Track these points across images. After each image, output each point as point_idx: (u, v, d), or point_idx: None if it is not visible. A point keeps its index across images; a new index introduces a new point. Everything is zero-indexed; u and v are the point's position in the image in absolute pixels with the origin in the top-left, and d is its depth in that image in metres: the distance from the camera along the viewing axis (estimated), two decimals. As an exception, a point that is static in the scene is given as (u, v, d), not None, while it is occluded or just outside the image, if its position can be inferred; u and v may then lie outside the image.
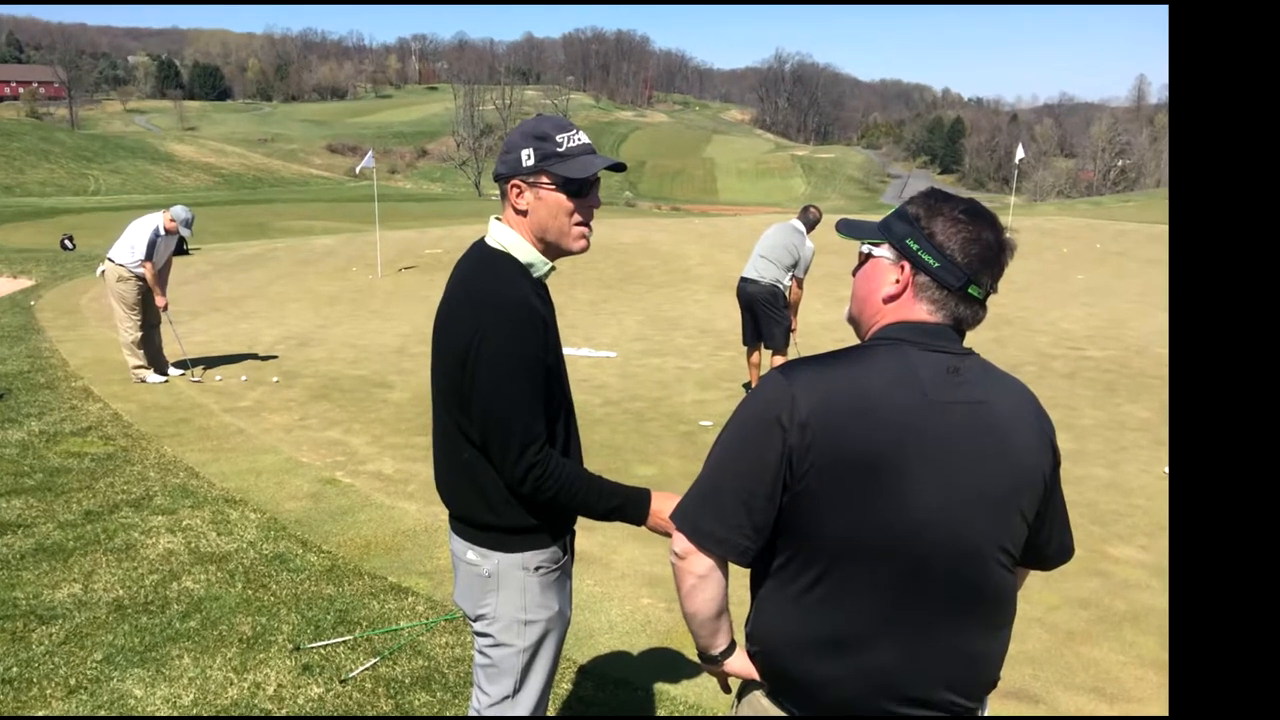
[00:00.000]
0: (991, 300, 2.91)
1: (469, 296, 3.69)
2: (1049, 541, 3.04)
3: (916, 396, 2.72)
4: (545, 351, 3.67)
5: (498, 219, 3.85)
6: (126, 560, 8.01)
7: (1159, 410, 13.50)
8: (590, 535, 8.38)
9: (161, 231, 14.12)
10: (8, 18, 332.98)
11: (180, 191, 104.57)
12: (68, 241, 37.32)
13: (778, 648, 2.88)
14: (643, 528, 3.89)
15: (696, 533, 2.84)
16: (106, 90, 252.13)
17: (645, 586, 7.71)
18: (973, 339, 2.87)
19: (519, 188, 3.72)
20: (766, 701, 2.98)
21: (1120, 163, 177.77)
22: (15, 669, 6.25)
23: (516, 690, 3.92)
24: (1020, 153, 45.34)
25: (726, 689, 3.28)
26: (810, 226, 13.59)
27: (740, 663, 3.07)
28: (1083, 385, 15.11)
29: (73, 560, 7.96)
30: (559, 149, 3.68)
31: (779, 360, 13.06)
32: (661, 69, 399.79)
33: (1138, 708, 6.19)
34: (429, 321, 4.04)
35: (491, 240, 3.81)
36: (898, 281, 2.88)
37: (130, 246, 14.13)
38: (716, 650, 3.08)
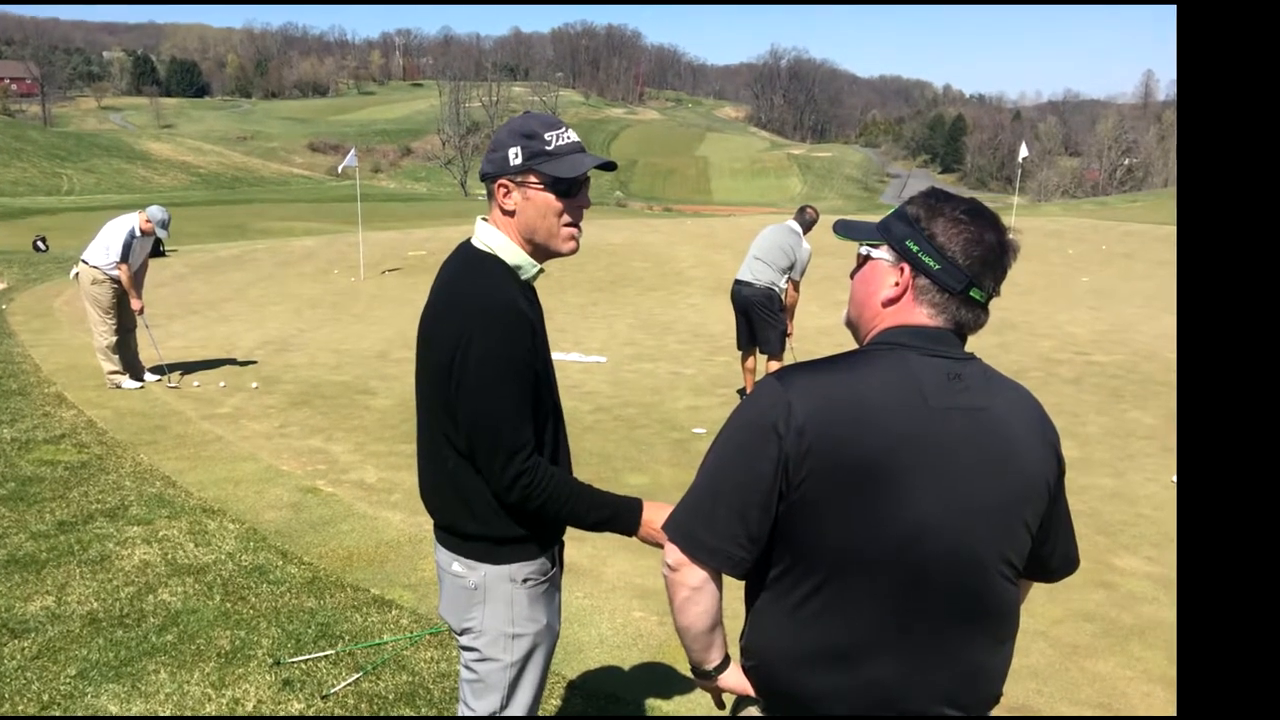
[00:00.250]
0: (994, 303, 2.91)
1: (455, 299, 3.68)
2: (1053, 552, 3.04)
3: (916, 403, 2.72)
4: (533, 356, 3.66)
5: (484, 219, 3.84)
6: (101, 572, 7.98)
7: (1166, 417, 13.49)
8: (580, 546, 8.36)
9: (137, 233, 14.10)
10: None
11: (156, 191, 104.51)
12: (40, 243, 37.28)
13: (773, 662, 2.88)
14: (634, 538, 3.87)
15: (690, 543, 2.83)
16: (80, 87, 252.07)
17: (637, 599, 7.69)
18: (975, 343, 2.87)
19: (506, 187, 3.71)
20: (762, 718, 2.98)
21: (1127, 161, 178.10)
22: (-15, 685, 6.24)
23: (503, 706, 3.91)
24: (1024, 151, 45.34)
25: (720, 705, 3.28)
26: (807, 227, 13.59)
27: (735, 678, 3.06)
28: (1088, 391, 15.12)
29: (45, 572, 7.93)
30: (547, 147, 3.67)
31: (775, 365, 13.06)
32: (653, 64, 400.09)
33: (1145, 724, 6.20)
34: (413, 325, 4.03)
35: (478, 241, 3.80)
36: (897, 284, 2.87)
37: (105, 248, 14.10)
38: (710, 665, 3.07)
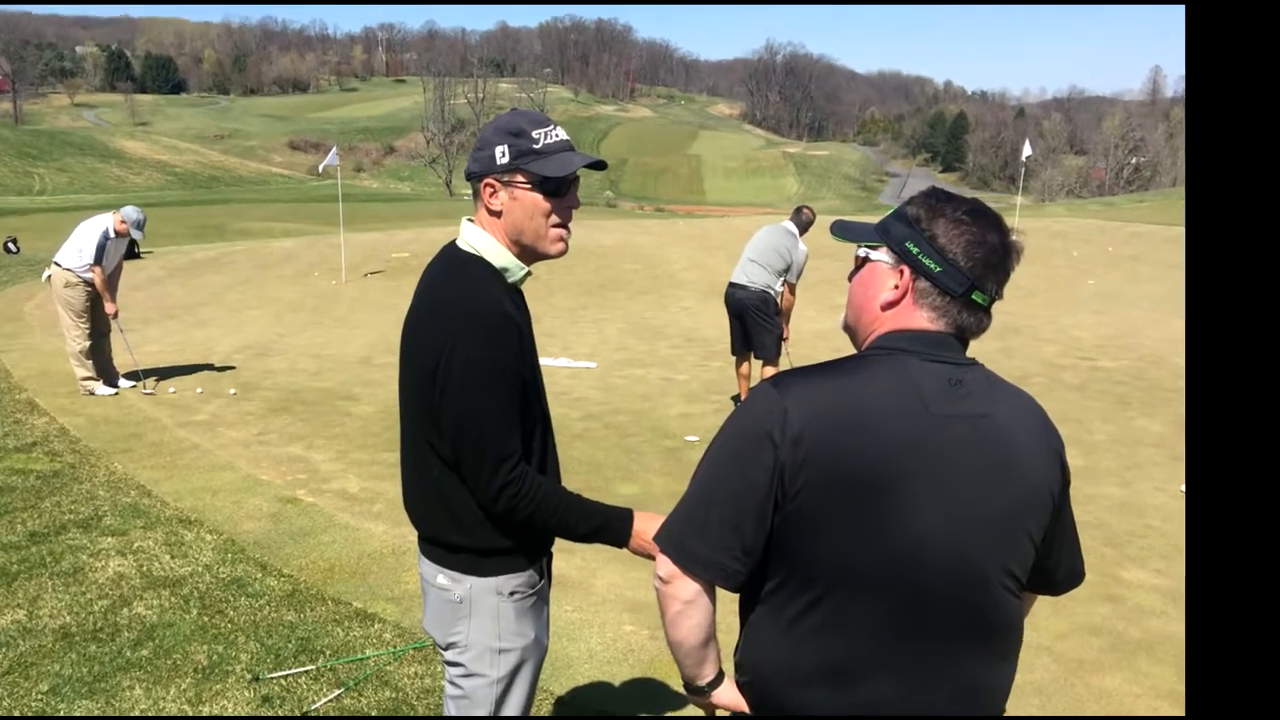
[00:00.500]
0: (997, 307, 2.91)
1: (439, 303, 3.68)
2: (1058, 565, 3.04)
3: (917, 410, 2.71)
4: (520, 362, 3.66)
5: (470, 220, 3.84)
6: (74, 585, 7.97)
7: (1175, 424, 13.49)
8: (569, 558, 8.35)
9: (111, 234, 14.09)
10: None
11: (131, 191, 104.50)
12: (11, 244, 37.25)
13: (769, 678, 2.88)
14: (625, 550, 3.87)
15: (682, 555, 2.83)
16: (53, 83, 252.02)
17: (627, 613, 7.68)
18: (977, 348, 2.87)
19: (493, 187, 3.71)
20: (757, 735, 2.98)
21: (1134, 160, 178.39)
22: (-47, 702, 6.23)
23: (490, 724, 3.90)
24: (1027, 150, 45.49)
25: (714, 722, 3.27)
26: (803, 228, 13.59)
27: (729, 694, 3.06)
28: (1094, 398, 15.12)
29: (16, 585, 7.92)
30: (535, 146, 3.66)
31: (770, 371, 13.05)
32: (645, 60, 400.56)
33: (1152, 741, 6.20)
34: (396, 330, 4.03)
35: (463, 243, 3.80)
36: (897, 287, 2.87)
37: (78, 250, 14.09)
38: (703, 681, 3.06)
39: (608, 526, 3.81)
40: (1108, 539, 9.35)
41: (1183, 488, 10.67)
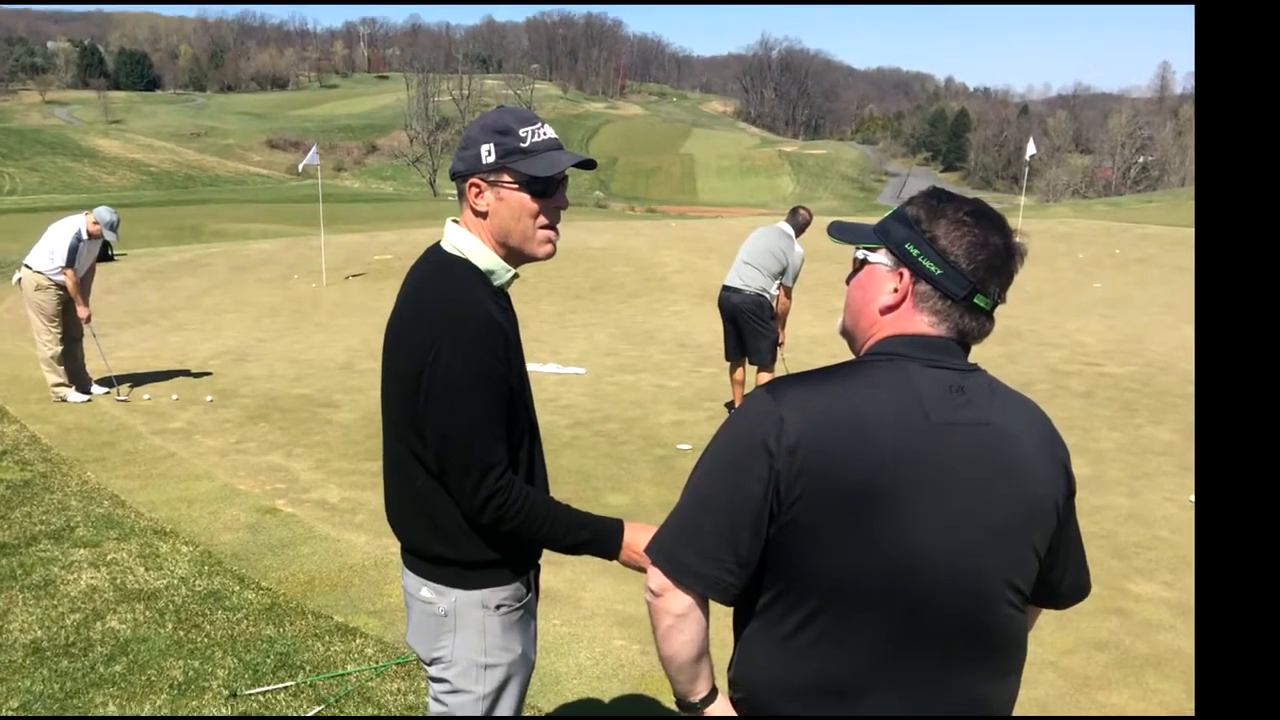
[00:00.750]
0: (1000, 311, 2.91)
1: (423, 307, 3.68)
2: (1063, 578, 3.03)
3: (917, 418, 2.71)
4: (507, 368, 3.66)
5: (455, 221, 3.84)
6: (45, 598, 7.96)
7: (1184, 433, 13.49)
8: (557, 570, 8.35)
9: (84, 235, 14.08)
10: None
11: (104, 191, 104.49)
12: (-21, 246, 37.20)
13: (764, 695, 2.87)
14: (615, 562, 3.87)
15: (674, 567, 2.82)
16: (23, 79, 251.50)
17: (618, 627, 7.68)
18: (979, 354, 2.86)
19: (478, 187, 3.70)
20: (751, 754, 2.97)
21: (1142, 159, 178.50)
22: (-82, 720, 6.22)
23: (475, 742, 3.90)
24: (1031, 148, 45.43)
25: (707, 740, 3.27)
26: (800, 230, 13.59)
27: (722, 710, 3.05)
28: (1100, 405, 15.13)
29: (-17, 599, 7.92)
30: (522, 144, 3.66)
31: (765, 377, 13.05)
32: (635, 56, 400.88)
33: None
34: (378, 335, 4.03)
35: (448, 245, 3.80)
36: (896, 290, 2.86)
37: (49, 252, 14.07)
38: (696, 697, 3.05)
39: (597, 538, 3.81)
40: (1115, 551, 9.36)
41: (1192, 498, 10.66)
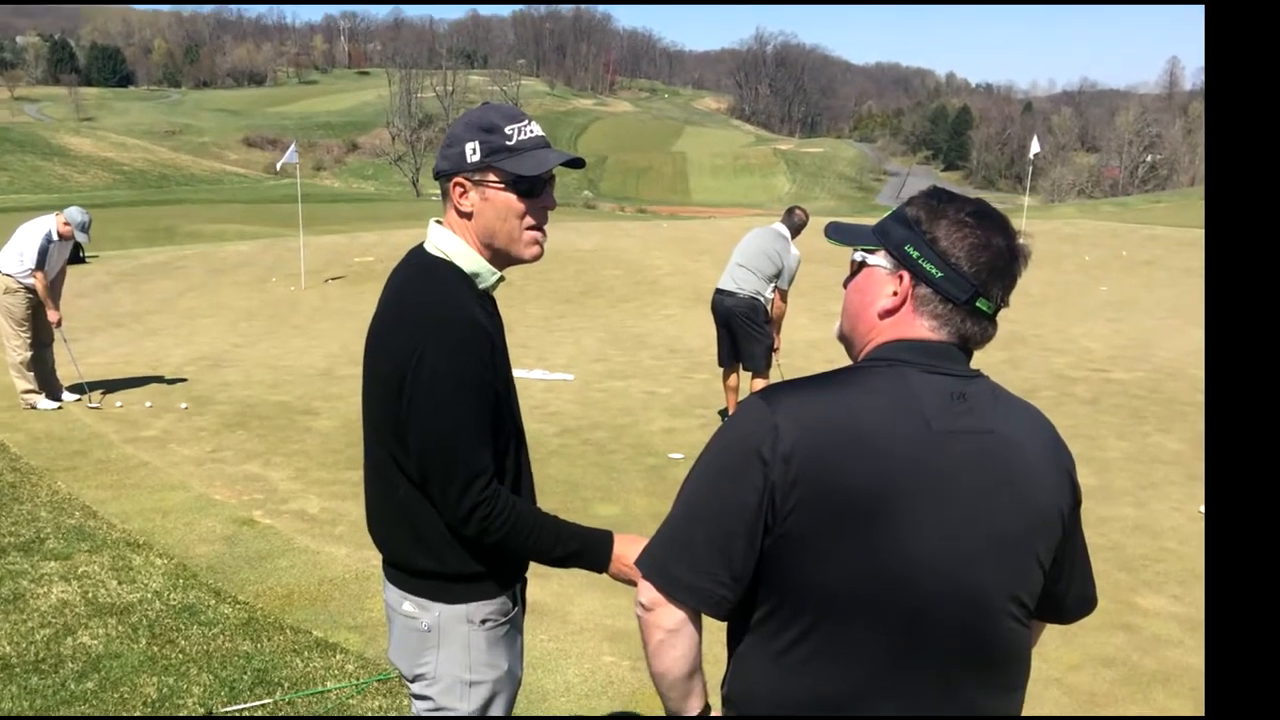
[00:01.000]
0: (1003, 315, 2.90)
1: (405, 311, 3.67)
2: (1068, 591, 3.03)
3: (917, 426, 2.70)
4: (492, 373, 3.65)
5: (438, 222, 3.83)
6: (14, 613, 7.94)
7: (1194, 441, 13.51)
8: (544, 584, 8.34)
9: (54, 237, 14.06)
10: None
11: (76, 191, 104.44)
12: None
13: (759, 712, 2.85)
14: (604, 575, 3.86)
15: (666, 581, 2.81)
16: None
17: (607, 642, 7.68)
18: (982, 359, 2.86)
19: (463, 186, 3.69)
20: (745, 774, 2.97)
21: (1149, 158, 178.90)
22: (-118, 740, 6.21)
23: (460, 762, 3.89)
24: (1035, 146, 45.44)
25: (700, 759, 3.26)
26: (796, 231, 13.59)
27: (716, 729, 3.04)
28: (1107, 412, 15.16)
29: (-51, 614, 7.90)
30: (508, 142, 3.65)
31: (760, 384, 13.05)
32: (625, 51, 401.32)
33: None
34: (359, 339, 4.02)
35: (431, 246, 3.79)
36: (895, 294, 2.85)
37: (18, 254, 14.05)
38: (688, 715, 3.04)
39: (586, 550, 3.80)
40: (1122, 563, 9.36)
41: (1202, 508, 10.69)
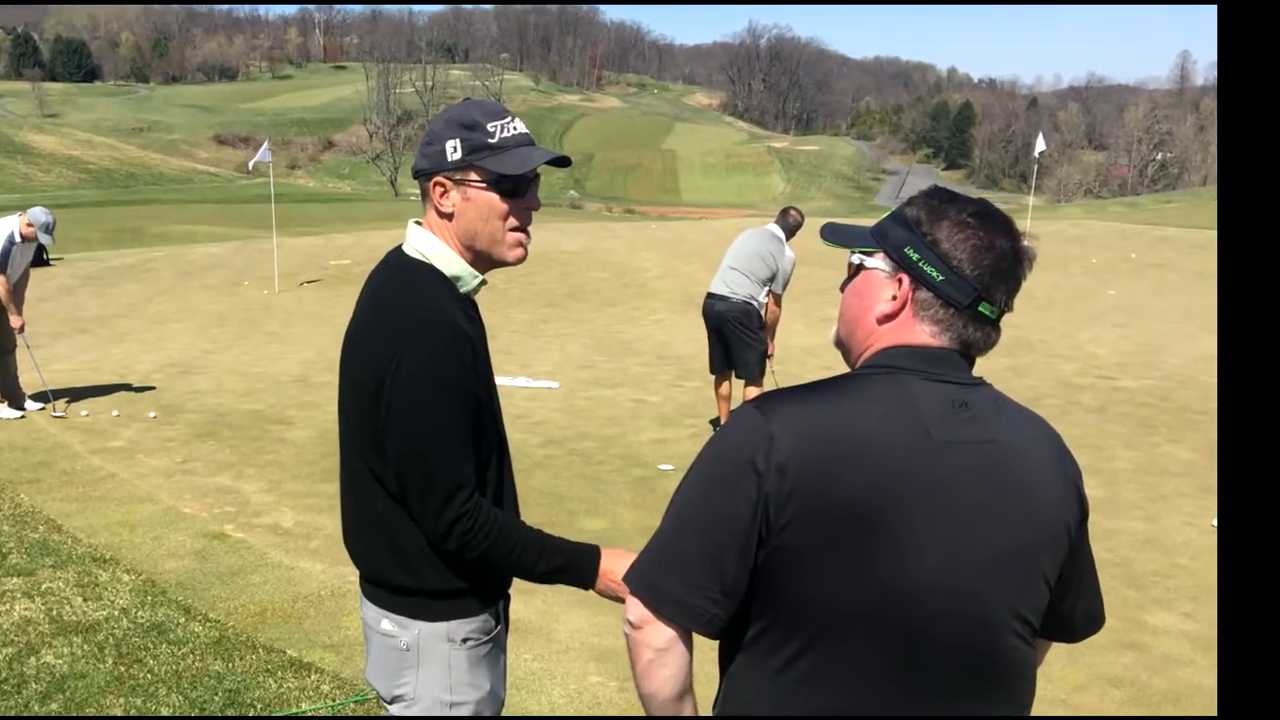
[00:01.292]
0: (1007, 321, 2.90)
1: (383, 314, 3.67)
2: (1074, 608, 3.02)
3: (917, 436, 2.69)
4: (474, 380, 3.65)
5: (418, 223, 3.83)
6: (-28, 632, 7.94)
7: (1206, 452, 13.52)
8: (528, 600, 8.32)
9: (17, 238, 14.04)
10: None
11: (39, 190, 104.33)
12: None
13: (753, 734, 2.86)
14: (591, 592, 3.86)
15: (655, 597, 2.80)
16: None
17: (593, 661, 7.68)
18: (984, 366, 2.86)
19: (443, 186, 3.69)
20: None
21: (1160, 156, 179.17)
22: None
23: (440, 787, 3.88)
24: (1040, 144, 45.50)
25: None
26: (790, 232, 13.60)
27: (707, 752, 3.04)
28: (1115, 421, 15.17)
29: (-94, 632, 7.89)
30: (491, 140, 3.65)
31: (753, 392, 13.04)
32: (613, 44, 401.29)
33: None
34: (335, 345, 4.02)
35: (410, 248, 3.79)
36: (894, 298, 2.85)
37: (-22, 256, 14.04)
38: (679, 738, 3.04)
39: (571, 565, 3.80)
40: (1130, 579, 9.36)
41: (1214, 522, 10.69)
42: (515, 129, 3.72)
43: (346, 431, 3.81)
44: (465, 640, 3.80)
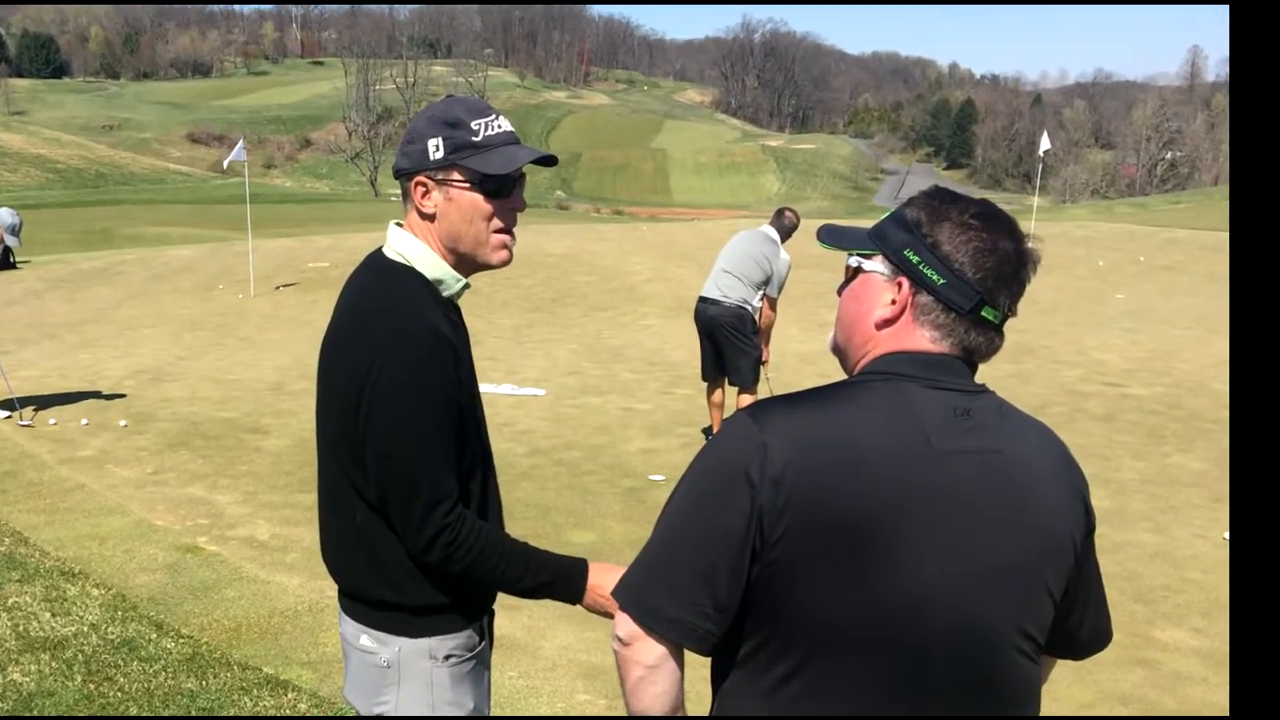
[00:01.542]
0: (1010, 325, 2.90)
1: (362, 319, 3.66)
2: (1081, 624, 3.02)
3: (918, 445, 2.69)
4: (457, 387, 3.64)
5: (398, 224, 3.82)
6: (-66, 650, 7.92)
7: (1217, 462, 13.51)
8: (514, 616, 8.32)
9: (-19, 240, 14.06)
10: None
11: (6, 190, 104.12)
12: None
13: (746, 754, 2.85)
14: (578, 607, 3.85)
15: (645, 613, 2.79)
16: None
17: (581, 679, 7.67)
18: (987, 373, 2.86)
19: (425, 186, 3.69)
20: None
21: (1169, 155, 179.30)
22: None
23: (422, 810, 3.87)
24: (1045, 143, 45.54)
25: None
26: (786, 234, 13.60)
27: (699, 773, 3.03)
28: (1123, 430, 15.18)
29: None
30: (474, 138, 3.65)
31: (747, 400, 13.05)
32: (602, 39, 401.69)
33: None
34: (313, 351, 4.01)
35: (390, 251, 3.78)
36: (894, 302, 2.85)
37: (-59, 259, 14.05)
38: (670, 758, 3.04)
39: (558, 580, 3.79)
40: (1139, 594, 9.37)
41: (1226, 535, 10.68)
42: (500, 127, 3.71)
43: (324, 441, 3.80)
44: (448, 657, 3.79)
